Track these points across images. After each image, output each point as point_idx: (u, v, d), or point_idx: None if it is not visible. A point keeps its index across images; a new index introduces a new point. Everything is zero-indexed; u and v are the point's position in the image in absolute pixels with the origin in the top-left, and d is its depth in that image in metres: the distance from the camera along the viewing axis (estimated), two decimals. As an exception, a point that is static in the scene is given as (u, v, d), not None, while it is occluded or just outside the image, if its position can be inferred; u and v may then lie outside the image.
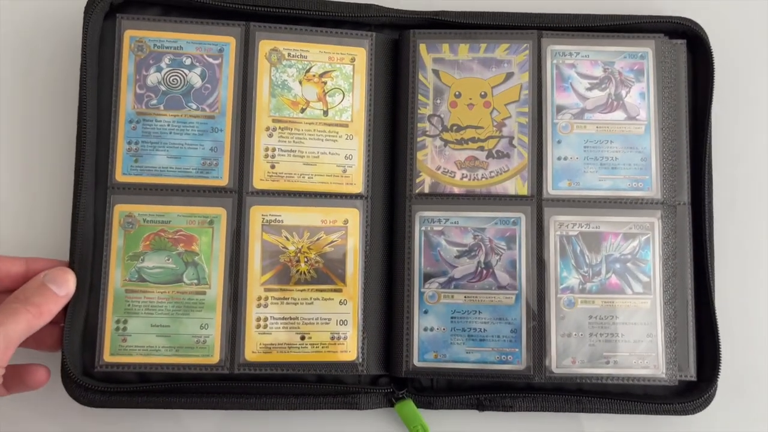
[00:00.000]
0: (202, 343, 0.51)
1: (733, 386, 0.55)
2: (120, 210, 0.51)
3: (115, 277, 0.51)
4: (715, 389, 0.52)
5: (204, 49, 0.53)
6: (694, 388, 0.53)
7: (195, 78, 0.53)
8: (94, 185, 0.51)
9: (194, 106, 0.53)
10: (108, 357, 0.50)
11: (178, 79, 0.53)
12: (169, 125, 0.52)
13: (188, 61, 0.53)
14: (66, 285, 0.47)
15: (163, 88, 0.53)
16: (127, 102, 0.52)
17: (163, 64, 0.53)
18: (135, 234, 0.51)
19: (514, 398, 0.52)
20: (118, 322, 0.50)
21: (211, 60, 0.53)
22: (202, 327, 0.51)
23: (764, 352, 0.56)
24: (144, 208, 0.51)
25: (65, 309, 0.49)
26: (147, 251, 0.51)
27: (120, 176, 0.52)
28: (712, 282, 0.53)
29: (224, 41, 0.53)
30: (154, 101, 0.52)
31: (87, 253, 0.51)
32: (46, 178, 0.55)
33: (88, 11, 0.52)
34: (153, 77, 0.53)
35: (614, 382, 0.52)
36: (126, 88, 0.52)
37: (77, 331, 0.50)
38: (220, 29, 0.53)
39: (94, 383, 0.49)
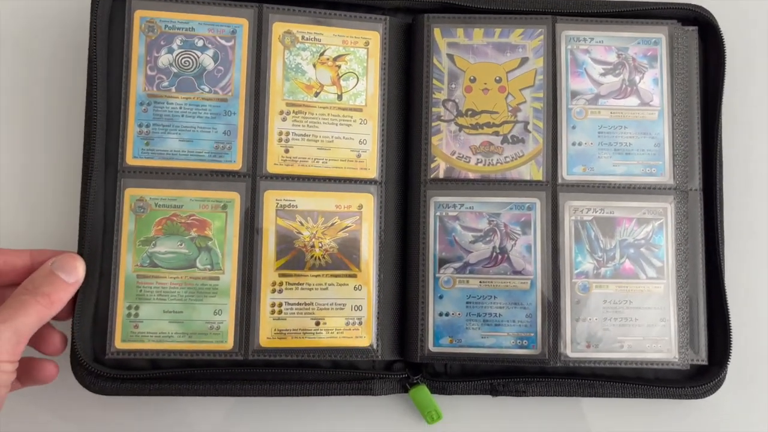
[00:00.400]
0: (215, 329, 0.50)
1: (742, 370, 0.55)
2: (131, 194, 0.50)
3: (126, 262, 0.50)
4: (725, 373, 0.52)
5: (216, 30, 0.52)
6: (705, 372, 0.53)
7: (207, 60, 0.52)
8: (103, 170, 0.50)
9: (207, 89, 0.52)
10: (119, 344, 0.49)
11: (190, 60, 0.52)
12: (181, 108, 0.51)
13: (200, 43, 0.52)
14: (75, 272, 0.46)
15: (174, 70, 0.52)
16: (137, 84, 0.51)
17: (174, 46, 0.52)
18: (146, 218, 0.50)
19: (527, 383, 0.52)
20: (129, 308, 0.49)
21: (223, 42, 0.52)
22: (216, 313, 0.50)
23: (774, 336, 0.56)
24: (156, 192, 0.51)
25: (74, 302, 0.48)
26: (159, 236, 0.50)
27: (131, 160, 0.51)
28: (723, 267, 0.53)
29: (237, 23, 0.52)
30: (166, 83, 0.51)
31: (97, 239, 0.50)
32: (50, 164, 0.54)
33: None
34: (164, 59, 0.52)
35: (627, 366, 0.52)
36: (137, 69, 0.51)
37: (87, 318, 0.49)
38: (233, 11, 0.52)
39: (106, 370, 0.49)
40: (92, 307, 0.49)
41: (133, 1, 0.52)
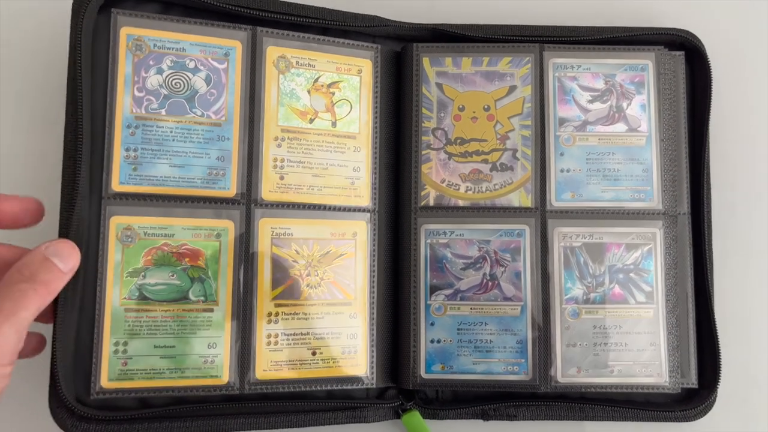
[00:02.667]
0: (210, 363, 0.48)
1: (733, 392, 0.56)
2: (117, 222, 0.48)
3: (113, 295, 0.47)
4: (716, 396, 0.53)
5: (209, 52, 0.51)
6: (695, 395, 0.54)
7: (200, 82, 0.50)
8: (83, 196, 0.47)
9: (199, 113, 0.50)
10: (106, 383, 0.46)
11: (181, 82, 0.50)
12: (171, 132, 0.49)
13: (192, 64, 0.50)
14: (70, 259, 0.42)
15: (164, 91, 0.49)
16: (124, 105, 0.48)
17: (164, 66, 0.50)
18: (134, 248, 0.48)
19: (517, 407, 0.53)
20: (117, 344, 0.47)
21: (216, 64, 0.51)
22: (210, 346, 0.49)
23: (763, 358, 0.57)
24: (144, 220, 0.48)
25: (56, 313, 0.44)
26: (149, 267, 0.48)
27: (117, 185, 0.48)
28: (712, 291, 0.54)
29: (230, 45, 0.51)
30: (155, 105, 0.49)
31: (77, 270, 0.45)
32: (35, 185, 0.52)
33: (81, 4, 0.47)
34: (153, 79, 0.49)
35: (618, 391, 0.52)
36: (123, 89, 0.48)
37: (67, 356, 0.45)
38: (226, 32, 0.51)
39: (91, 411, 0.46)
40: (72, 343, 0.46)
41: (120, 17, 0.49)
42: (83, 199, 0.46)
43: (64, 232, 0.45)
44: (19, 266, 0.40)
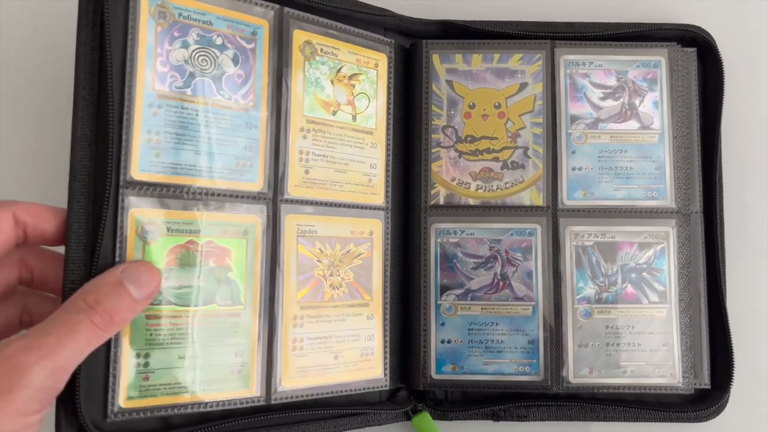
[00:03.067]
0: (236, 373, 0.44)
1: (746, 393, 0.55)
2: (137, 215, 0.41)
3: None
4: (728, 396, 0.52)
5: (236, 29, 0.45)
6: (708, 396, 0.53)
7: (227, 62, 0.45)
8: (94, 184, 0.41)
9: (226, 95, 0.45)
10: (125, 402, 0.40)
11: (208, 59, 0.44)
12: (198, 115, 0.43)
13: (219, 41, 0.45)
14: (148, 285, 0.38)
15: (190, 68, 0.44)
16: (146, 80, 0.42)
17: (190, 40, 0.44)
18: (157, 246, 0.41)
19: (528, 408, 0.52)
20: (138, 356, 0.40)
21: (244, 43, 0.46)
22: (237, 355, 0.44)
23: (777, 358, 0.56)
24: (168, 214, 0.42)
25: None
26: (173, 267, 0.42)
27: (137, 173, 0.41)
28: (725, 289, 0.53)
29: (257, 23, 0.46)
30: (180, 83, 0.43)
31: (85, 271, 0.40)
32: (41, 175, 0.51)
33: None
34: (178, 53, 0.43)
35: (630, 392, 0.52)
36: (145, 62, 0.42)
37: (77, 372, 0.39)
38: (252, 8, 0.46)
39: None
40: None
41: None
42: (85, 189, 0.40)
43: (68, 230, 0.39)
44: (86, 289, 0.36)
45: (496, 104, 0.54)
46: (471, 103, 0.54)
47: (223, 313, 0.44)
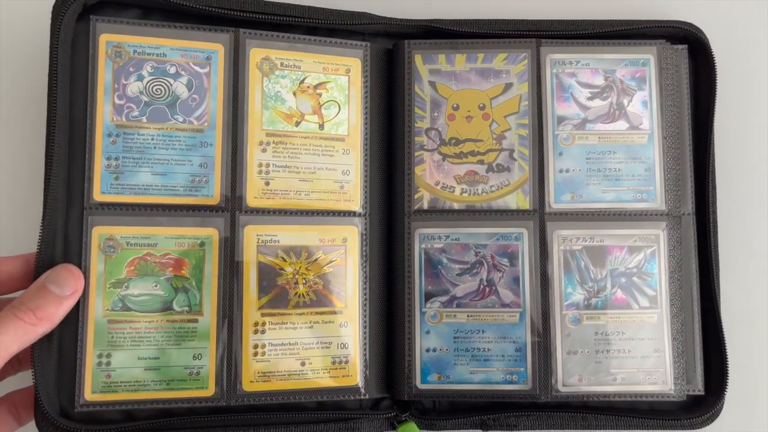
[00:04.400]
0: (195, 374, 0.47)
1: (740, 399, 0.54)
2: (99, 232, 0.47)
3: (96, 306, 0.46)
4: (723, 403, 0.51)
5: (190, 56, 0.49)
6: (702, 402, 0.52)
7: (181, 88, 0.49)
8: (65, 206, 0.47)
9: (181, 119, 0.49)
10: (89, 395, 0.46)
11: (162, 89, 0.49)
12: (153, 139, 0.48)
13: (173, 70, 0.49)
14: (69, 284, 0.44)
15: (145, 98, 0.48)
16: (104, 113, 0.48)
17: (144, 72, 0.49)
18: (117, 259, 0.47)
19: (518, 417, 0.51)
20: (100, 356, 0.46)
21: (198, 69, 0.50)
22: (195, 357, 0.48)
23: (772, 363, 0.55)
24: (127, 230, 0.47)
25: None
26: (132, 277, 0.47)
27: (98, 195, 0.47)
28: (718, 293, 0.52)
29: (212, 48, 0.50)
30: (136, 113, 0.48)
31: None
32: (15, 196, 0.52)
33: (58, 12, 0.46)
34: (134, 86, 0.48)
35: (621, 399, 0.51)
36: (103, 98, 0.48)
37: (50, 368, 0.45)
38: (208, 35, 0.50)
39: (74, 425, 0.45)
40: (55, 355, 0.46)
41: (98, 24, 0.48)
42: (58, 211, 0.46)
43: (42, 244, 0.45)
44: (17, 298, 0.42)
45: (481, 105, 0.52)
46: (455, 105, 0.52)
47: (181, 318, 0.48)
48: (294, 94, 0.51)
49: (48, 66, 0.46)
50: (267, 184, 0.50)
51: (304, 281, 0.50)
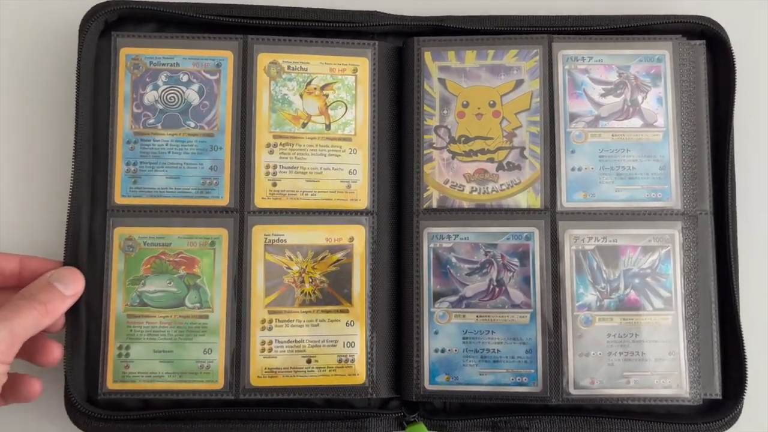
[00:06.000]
0: (205, 368, 0.49)
1: (759, 403, 0.53)
2: (120, 233, 0.50)
3: (117, 302, 0.49)
4: (742, 407, 0.50)
5: (201, 64, 0.52)
6: (720, 407, 0.50)
7: (192, 95, 0.51)
8: (90, 208, 0.51)
9: (192, 124, 0.51)
10: (111, 384, 0.49)
11: (175, 96, 0.51)
12: (167, 144, 0.51)
13: (185, 78, 0.52)
14: (73, 284, 0.47)
15: (160, 106, 0.51)
16: (124, 122, 0.51)
17: (159, 82, 0.51)
18: (135, 257, 0.50)
19: (530, 420, 0.50)
20: (120, 348, 0.49)
21: (208, 76, 0.52)
22: (206, 352, 0.50)
23: (793, 367, 0.53)
24: (144, 231, 0.50)
25: (67, 318, 0.48)
26: (148, 275, 0.50)
27: (119, 198, 0.50)
28: (737, 294, 0.51)
29: (221, 56, 0.52)
30: (152, 120, 0.51)
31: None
32: (45, 199, 0.54)
33: (83, 30, 0.50)
34: (150, 96, 0.51)
35: (635, 403, 0.50)
36: (123, 108, 0.51)
37: (79, 358, 0.49)
38: (217, 43, 0.52)
39: (98, 411, 0.48)
40: (83, 346, 0.49)
41: (119, 39, 0.51)
42: (83, 212, 0.50)
43: (67, 242, 0.49)
44: (25, 289, 0.45)
45: (491, 102, 0.52)
46: (464, 102, 0.52)
47: (193, 314, 0.50)
48: (301, 96, 0.52)
49: (75, 79, 0.50)
50: (274, 185, 0.51)
51: (310, 280, 0.51)
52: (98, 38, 0.52)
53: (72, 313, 0.48)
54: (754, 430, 0.52)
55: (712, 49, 0.53)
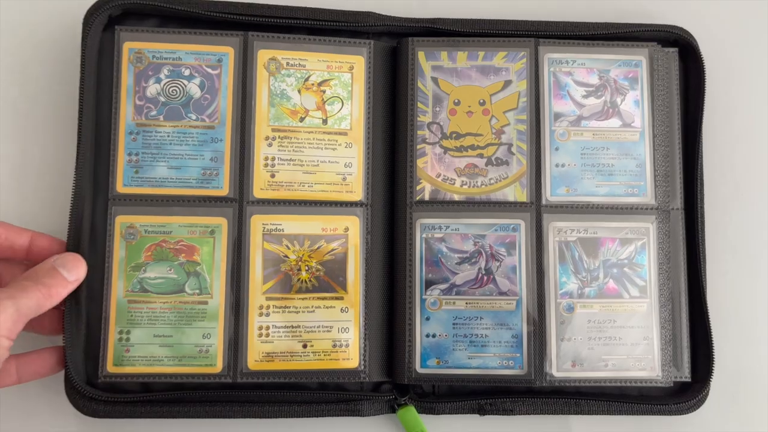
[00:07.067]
0: (204, 352, 0.51)
1: (726, 386, 0.56)
2: (121, 221, 0.51)
3: (118, 288, 0.51)
4: (709, 389, 0.53)
5: (203, 59, 0.53)
6: (689, 389, 0.54)
7: (194, 88, 0.53)
8: (92, 196, 0.52)
9: (194, 117, 0.53)
10: (111, 368, 0.50)
11: (177, 89, 0.53)
12: (169, 136, 0.52)
13: (187, 72, 0.53)
14: (76, 270, 0.48)
15: (162, 99, 0.53)
16: (127, 113, 0.52)
17: (162, 75, 0.53)
18: (136, 245, 0.51)
19: (514, 402, 0.52)
20: (120, 332, 0.50)
21: (209, 70, 0.53)
22: (205, 336, 0.51)
23: (756, 352, 0.57)
24: (145, 219, 0.52)
25: (62, 319, 0.49)
26: (149, 262, 0.51)
27: (121, 188, 0.52)
28: (705, 284, 0.54)
29: (223, 51, 0.53)
30: (154, 112, 0.52)
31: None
32: (48, 188, 0.55)
33: (87, 24, 0.52)
34: (152, 88, 0.53)
35: (612, 385, 0.53)
36: (125, 99, 0.52)
37: (79, 342, 0.50)
38: (219, 39, 0.53)
39: (98, 393, 0.50)
40: (83, 330, 0.50)
41: (122, 33, 0.53)
42: (85, 200, 0.51)
43: (70, 229, 0.50)
44: (29, 271, 0.47)
45: (481, 101, 0.54)
46: (456, 100, 0.54)
47: (192, 300, 0.51)
48: (299, 91, 0.54)
49: (78, 72, 0.52)
50: (272, 176, 0.53)
51: (306, 268, 0.52)
52: (102, 32, 0.53)
53: (73, 298, 0.49)
54: (720, 411, 0.56)
55: (684, 56, 0.57)
